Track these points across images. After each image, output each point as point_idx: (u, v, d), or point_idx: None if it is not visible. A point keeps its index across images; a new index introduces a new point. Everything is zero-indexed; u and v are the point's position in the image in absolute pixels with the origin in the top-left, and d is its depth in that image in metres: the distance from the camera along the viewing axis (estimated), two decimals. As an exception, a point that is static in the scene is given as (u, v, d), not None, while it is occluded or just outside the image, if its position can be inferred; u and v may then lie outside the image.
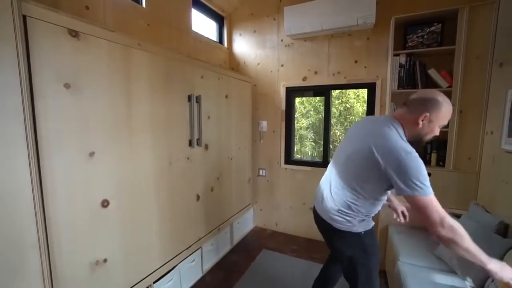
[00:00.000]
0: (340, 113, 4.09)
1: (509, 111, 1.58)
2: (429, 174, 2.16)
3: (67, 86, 1.18)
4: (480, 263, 0.98)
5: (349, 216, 1.21)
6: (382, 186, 1.13)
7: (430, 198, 1.00)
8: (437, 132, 1.15)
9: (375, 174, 1.09)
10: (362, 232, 1.23)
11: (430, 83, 2.14)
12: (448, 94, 2.05)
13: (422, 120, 1.10)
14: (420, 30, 2.17)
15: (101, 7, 1.73)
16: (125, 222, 1.49)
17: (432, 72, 2.12)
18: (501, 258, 1.34)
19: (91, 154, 1.28)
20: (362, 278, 1.26)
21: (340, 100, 4.03)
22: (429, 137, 1.14)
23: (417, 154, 1.03)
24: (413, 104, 1.13)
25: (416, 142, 1.13)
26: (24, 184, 1.05)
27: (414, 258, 1.71)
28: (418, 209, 1.03)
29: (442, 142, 2.14)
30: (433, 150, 2.21)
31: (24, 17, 1.02)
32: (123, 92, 1.43)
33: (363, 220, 1.23)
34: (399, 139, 1.07)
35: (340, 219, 1.22)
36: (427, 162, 2.23)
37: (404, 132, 1.13)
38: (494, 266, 0.98)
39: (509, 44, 1.68)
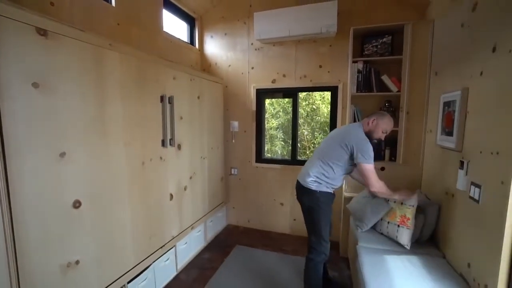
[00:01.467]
0: (307, 114, 4.36)
1: (441, 113, 1.88)
2: (383, 168, 2.44)
3: (35, 85, 1.16)
4: (394, 198, 1.84)
5: (318, 181, 1.79)
6: (347, 163, 1.77)
7: (371, 167, 1.70)
8: (380, 135, 1.80)
9: (345, 157, 1.75)
10: (319, 191, 1.80)
11: (383, 88, 2.42)
12: (397, 98, 2.35)
13: (372, 122, 1.80)
14: (374, 41, 2.44)
15: (67, 4, 1.68)
16: (98, 223, 1.48)
17: (384, 78, 2.40)
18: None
19: (62, 154, 1.27)
20: (315, 226, 1.82)
21: (307, 102, 4.29)
22: (375, 135, 1.80)
23: (369, 141, 1.72)
24: (371, 114, 1.84)
25: (368, 136, 1.78)
26: (-10, 186, 1.02)
27: (370, 243, 1.93)
28: (363, 172, 1.71)
29: (393, 140, 2.43)
30: (387, 147, 2.50)
31: (-11, 14, 1.00)
32: (95, 92, 1.43)
33: (327, 186, 1.81)
34: (360, 133, 1.77)
35: (312, 181, 1.81)
36: (382, 157, 2.51)
37: (363, 130, 1.81)
38: (398, 196, 1.83)
39: (441, 56, 1.99)
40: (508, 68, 1.20)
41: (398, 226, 1.89)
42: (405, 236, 1.85)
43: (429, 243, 1.93)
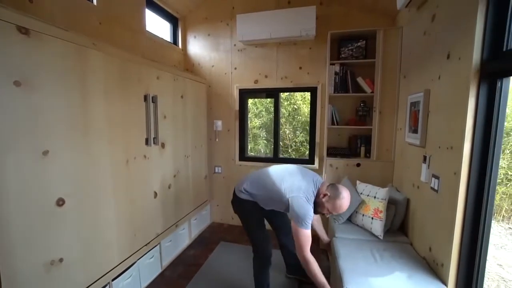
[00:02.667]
0: (289, 114, 4.50)
1: (408, 112, 2.06)
2: (359, 164, 2.60)
3: (17, 83, 1.17)
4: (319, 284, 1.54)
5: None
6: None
7: (306, 232, 1.53)
8: (325, 212, 1.62)
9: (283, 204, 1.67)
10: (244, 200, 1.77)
11: (359, 89, 2.58)
12: (371, 98, 2.52)
13: (324, 196, 1.60)
14: (350, 45, 2.60)
15: (47, 1, 1.67)
16: (82, 221, 1.50)
17: (359, 80, 2.56)
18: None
19: (45, 152, 1.28)
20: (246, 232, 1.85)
21: (288, 102, 4.43)
22: (319, 209, 1.63)
23: (309, 210, 1.56)
24: (334, 185, 1.65)
25: (315, 203, 1.63)
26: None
27: (347, 234, 2.08)
28: (294, 233, 1.55)
29: (368, 138, 2.60)
30: (362, 144, 2.67)
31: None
32: (78, 91, 1.44)
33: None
34: (304, 199, 1.58)
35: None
36: (358, 155, 2.68)
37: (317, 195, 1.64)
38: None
39: (408, 60, 2.17)
40: (458, 73, 1.36)
41: (372, 218, 2.04)
42: (378, 227, 2.00)
43: (399, 232, 2.10)
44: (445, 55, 1.50)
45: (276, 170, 1.79)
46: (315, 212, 1.64)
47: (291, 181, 1.65)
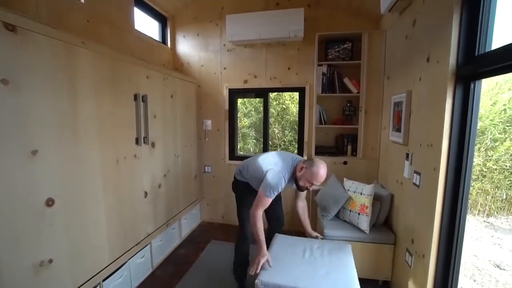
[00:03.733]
0: (278, 113, 4.56)
1: (392, 112, 2.16)
2: (346, 162, 2.68)
3: (4, 82, 1.15)
4: (258, 247, 1.65)
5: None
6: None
7: (265, 198, 1.67)
8: (307, 185, 1.71)
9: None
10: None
11: (345, 89, 2.67)
12: (357, 98, 2.61)
13: (301, 169, 1.71)
14: (337, 46, 2.68)
15: (33, -2, 1.63)
16: (72, 221, 1.48)
17: (346, 81, 2.65)
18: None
19: (34, 152, 1.26)
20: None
21: (277, 102, 4.49)
22: (300, 183, 1.73)
23: (279, 180, 1.68)
24: (308, 160, 1.77)
25: (296, 179, 1.76)
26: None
27: (335, 230, 2.15)
28: (258, 195, 1.70)
29: (354, 137, 2.70)
30: (349, 143, 2.76)
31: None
32: (67, 90, 1.43)
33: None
34: (280, 172, 1.71)
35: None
36: (345, 153, 2.77)
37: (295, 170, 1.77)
38: (258, 247, 1.65)
39: (392, 62, 2.27)
40: (437, 75, 1.46)
41: (359, 214, 2.13)
42: (364, 223, 2.09)
43: (384, 226, 2.20)
44: (425, 58, 1.59)
45: (262, 154, 1.99)
46: (298, 187, 1.79)
47: (271, 160, 1.82)
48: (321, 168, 1.66)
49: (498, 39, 1.21)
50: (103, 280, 1.72)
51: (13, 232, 1.19)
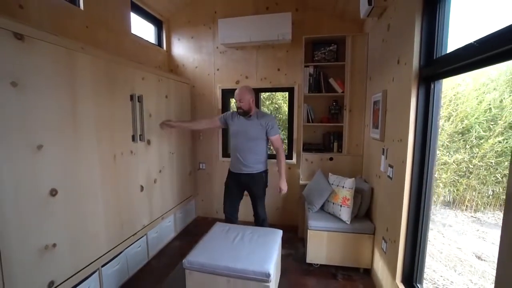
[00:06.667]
0: (271, 112, 4.70)
1: (372, 110, 2.30)
2: (331, 158, 2.81)
3: (14, 84, 1.29)
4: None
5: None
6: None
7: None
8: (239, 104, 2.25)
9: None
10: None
11: (331, 89, 2.81)
12: (342, 98, 2.76)
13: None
14: (323, 48, 2.83)
15: (36, 7, 1.77)
16: (73, 210, 1.62)
17: (331, 81, 2.80)
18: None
19: (39, 147, 1.40)
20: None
21: (270, 101, 4.64)
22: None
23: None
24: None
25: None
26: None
27: (317, 221, 2.30)
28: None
29: (340, 134, 2.84)
30: (335, 140, 2.90)
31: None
32: (68, 90, 1.57)
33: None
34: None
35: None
36: (331, 149, 2.91)
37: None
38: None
39: (373, 65, 2.42)
40: (404, 76, 1.60)
41: (341, 206, 2.28)
42: (346, 214, 2.24)
43: (365, 217, 2.34)
44: (396, 60, 1.74)
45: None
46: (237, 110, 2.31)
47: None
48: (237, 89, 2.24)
49: (453, 43, 1.36)
50: (102, 266, 1.86)
51: (21, 218, 1.33)
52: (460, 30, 1.37)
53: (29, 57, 1.35)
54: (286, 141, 3.43)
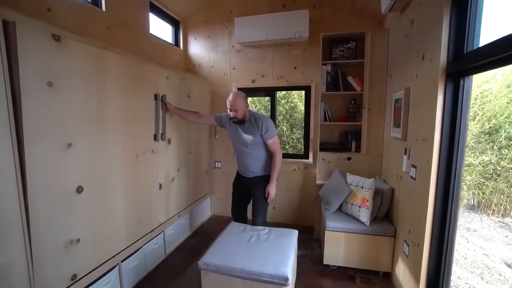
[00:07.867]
0: (286, 111, 4.67)
1: (393, 108, 2.23)
2: (349, 158, 2.75)
3: (49, 84, 1.34)
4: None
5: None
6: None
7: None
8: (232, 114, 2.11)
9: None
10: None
11: (349, 87, 2.75)
12: (361, 96, 2.69)
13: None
14: (341, 46, 2.77)
15: (62, 9, 1.84)
16: (96, 207, 1.67)
17: (349, 79, 2.73)
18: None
19: (69, 145, 1.45)
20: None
21: (286, 100, 4.60)
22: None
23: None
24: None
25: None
26: (8, 169, 1.20)
27: (335, 222, 2.25)
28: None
29: (358, 133, 2.77)
30: (353, 140, 2.84)
31: (6, 23, 1.17)
32: (95, 90, 1.61)
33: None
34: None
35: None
36: (349, 149, 2.84)
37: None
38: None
39: (393, 61, 2.34)
40: (430, 73, 1.54)
41: (360, 207, 2.22)
42: (365, 215, 2.18)
43: (385, 219, 2.27)
44: (421, 56, 1.67)
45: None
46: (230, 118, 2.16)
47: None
48: (229, 95, 2.12)
49: (485, 37, 1.28)
50: (122, 261, 1.91)
51: (50, 213, 1.38)
52: (494, 23, 1.29)
53: (64, 57, 1.40)
54: (302, 140, 3.39)
